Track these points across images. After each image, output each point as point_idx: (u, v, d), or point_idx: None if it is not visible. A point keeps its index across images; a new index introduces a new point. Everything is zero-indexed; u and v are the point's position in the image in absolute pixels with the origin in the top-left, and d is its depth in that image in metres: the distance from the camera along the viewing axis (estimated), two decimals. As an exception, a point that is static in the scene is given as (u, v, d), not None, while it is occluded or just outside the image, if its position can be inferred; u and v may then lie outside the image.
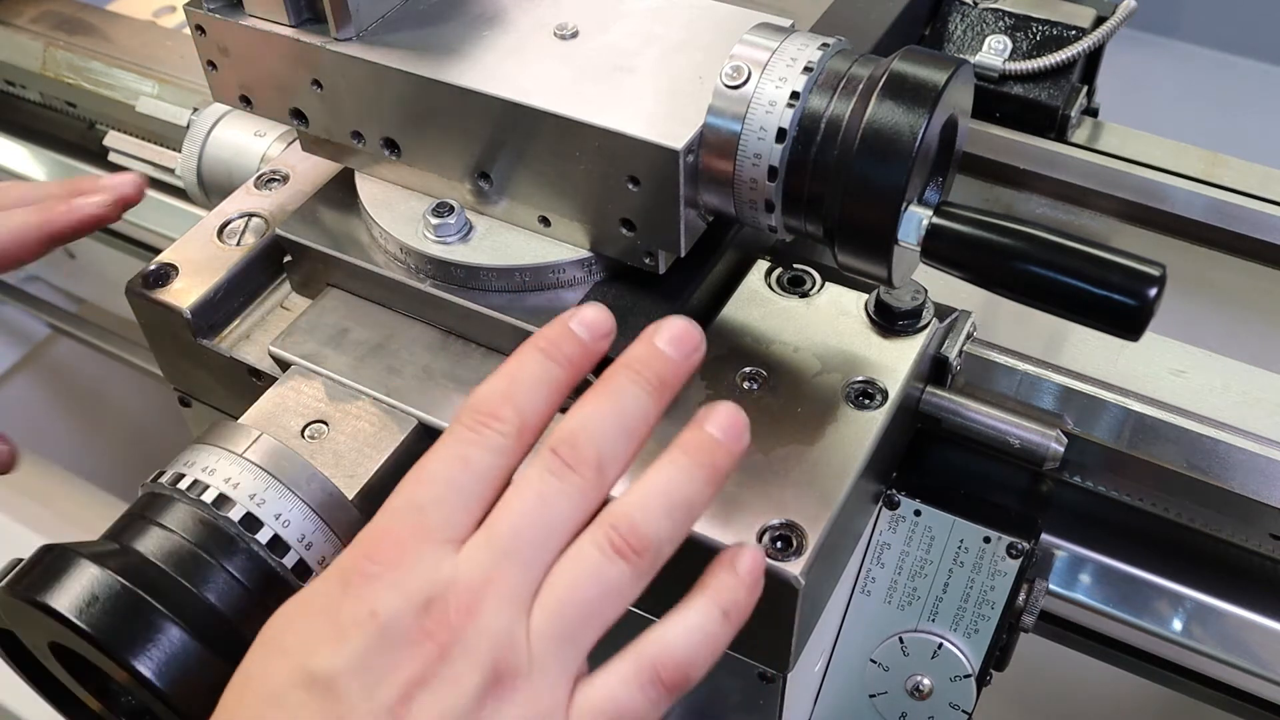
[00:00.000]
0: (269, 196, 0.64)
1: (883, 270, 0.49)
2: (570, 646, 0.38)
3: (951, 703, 0.60)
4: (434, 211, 0.56)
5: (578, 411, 0.40)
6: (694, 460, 0.40)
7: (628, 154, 0.49)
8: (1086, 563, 0.64)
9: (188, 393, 0.64)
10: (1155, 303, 0.44)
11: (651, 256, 0.53)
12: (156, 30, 0.98)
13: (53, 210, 0.59)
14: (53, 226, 0.59)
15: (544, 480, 0.39)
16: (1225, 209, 0.72)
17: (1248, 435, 0.60)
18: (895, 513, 0.59)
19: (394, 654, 0.37)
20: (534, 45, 0.54)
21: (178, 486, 0.47)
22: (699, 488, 0.40)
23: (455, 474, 0.39)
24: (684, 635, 0.40)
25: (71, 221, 0.59)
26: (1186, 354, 0.65)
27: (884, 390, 0.54)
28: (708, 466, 0.40)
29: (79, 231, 0.60)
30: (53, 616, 0.43)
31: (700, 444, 0.40)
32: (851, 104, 0.47)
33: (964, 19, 0.77)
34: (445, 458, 0.40)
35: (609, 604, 0.39)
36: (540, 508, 0.39)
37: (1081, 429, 0.63)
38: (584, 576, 0.38)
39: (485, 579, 0.38)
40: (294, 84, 0.56)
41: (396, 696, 0.36)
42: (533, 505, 0.39)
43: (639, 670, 0.39)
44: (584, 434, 0.39)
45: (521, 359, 0.41)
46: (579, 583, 0.38)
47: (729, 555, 0.41)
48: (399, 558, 0.38)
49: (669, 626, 0.40)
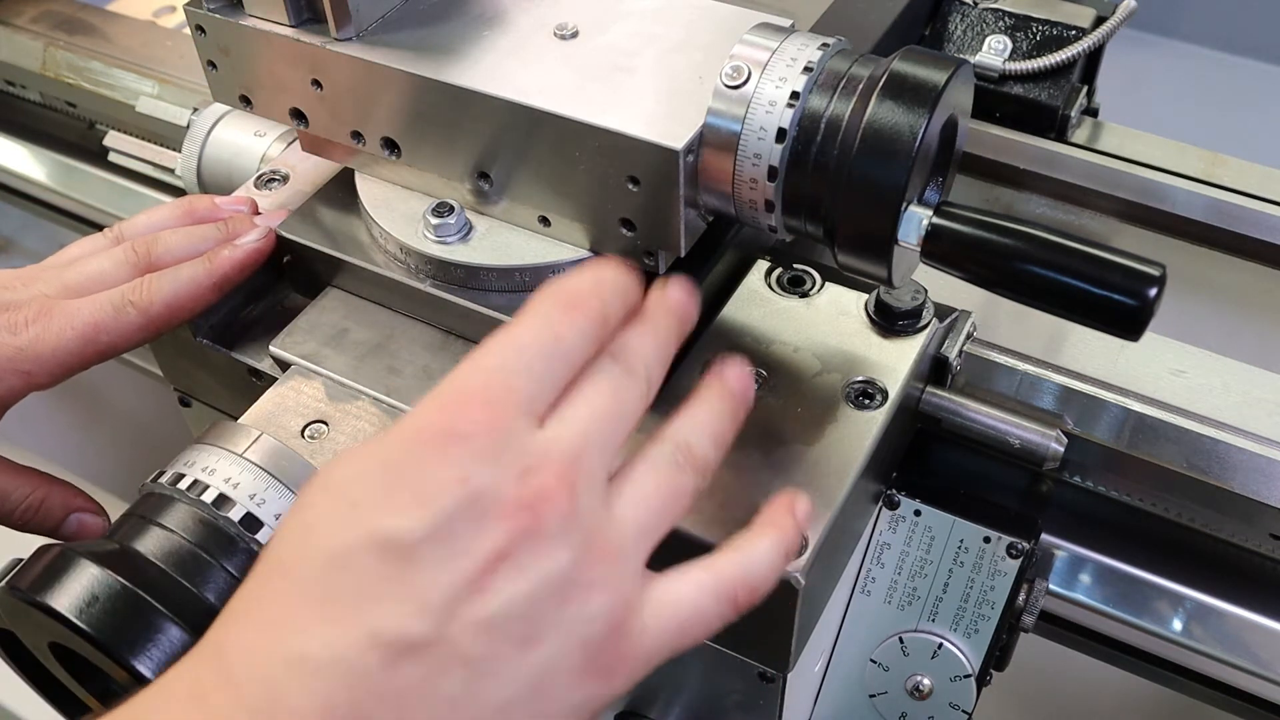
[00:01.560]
0: (269, 196, 0.64)
1: (883, 270, 0.49)
2: (647, 541, 0.39)
3: (951, 703, 0.60)
4: (434, 211, 0.56)
5: (637, 337, 0.42)
6: (723, 403, 0.43)
7: (628, 154, 0.49)
8: (1086, 563, 0.64)
9: (188, 393, 0.64)
10: (1155, 303, 0.44)
11: (651, 256, 0.53)
12: (156, 30, 0.97)
13: (218, 258, 0.56)
14: (221, 274, 0.56)
15: (615, 378, 0.40)
16: (1225, 209, 0.72)
17: (1248, 435, 0.60)
18: (895, 513, 0.59)
19: (482, 523, 0.35)
20: (534, 45, 0.54)
21: (178, 486, 0.47)
22: (728, 425, 0.43)
23: (548, 347, 0.39)
24: (760, 561, 0.41)
25: (238, 265, 0.57)
26: (1186, 354, 0.65)
27: (884, 390, 0.54)
28: (731, 410, 0.43)
29: (245, 273, 0.57)
30: (53, 616, 0.43)
31: (723, 391, 0.43)
32: (851, 104, 0.47)
33: (964, 19, 0.77)
34: (538, 330, 0.39)
35: (679, 508, 0.40)
36: (614, 401, 0.39)
37: (1081, 429, 0.63)
38: (665, 479, 0.40)
39: (575, 457, 0.37)
40: (294, 84, 0.56)
41: (479, 569, 0.34)
42: (608, 397, 0.39)
43: (718, 584, 0.40)
44: (641, 353, 0.41)
45: (603, 265, 0.42)
46: (660, 484, 0.40)
47: (787, 499, 0.44)
48: (491, 422, 0.36)
49: (748, 551, 0.41)
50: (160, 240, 0.58)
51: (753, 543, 0.42)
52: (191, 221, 0.61)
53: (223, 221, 0.60)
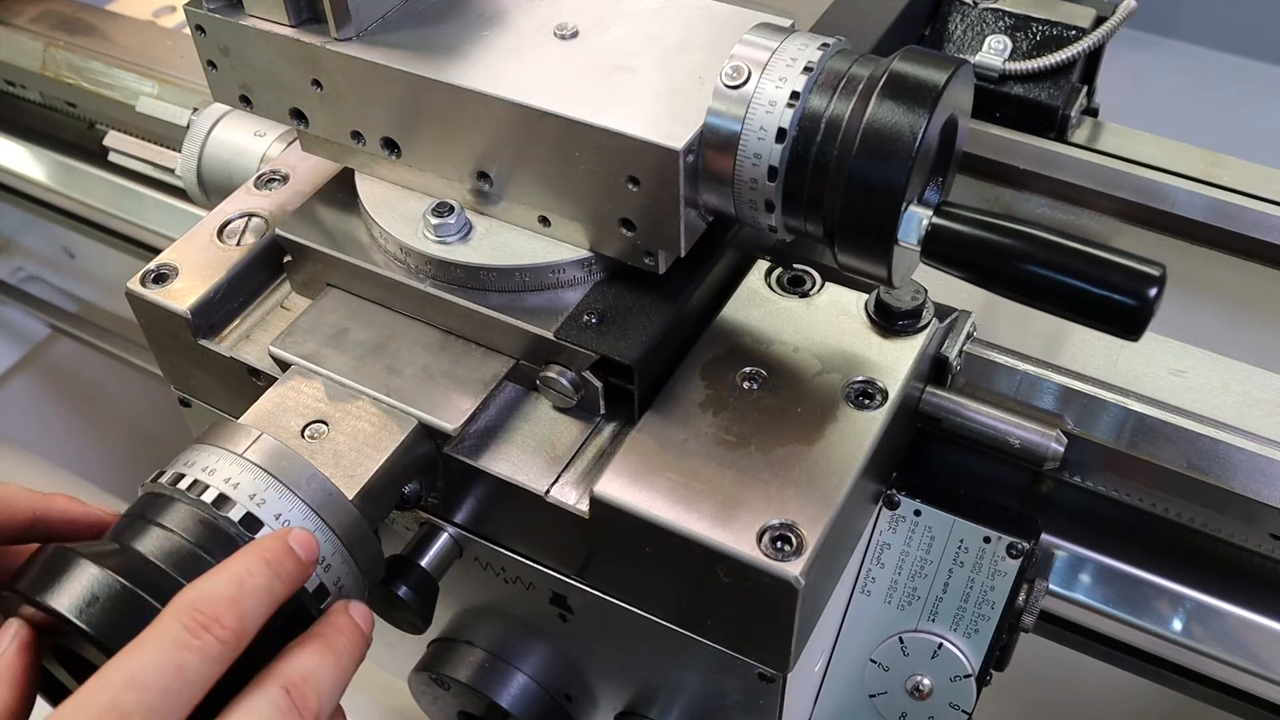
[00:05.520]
0: (269, 196, 0.64)
1: (883, 270, 0.49)
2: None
3: (951, 703, 0.60)
4: (434, 211, 0.56)
5: (305, 658, 0.41)
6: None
7: (628, 154, 0.49)
8: (1086, 563, 0.64)
9: (188, 393, 0.64)
10: (1155, 303, 0.44)
11: (651, 256, 0.53)
12: (156, 30, 0.98)
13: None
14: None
15: (273, 716, 0.39)
16: (1225, 209, 0.72)
17: (1248, 435, 0.60)
18: (895, 513, 0.59)
19: None
20: (534, 45, 0.54)
21: (178, 486, 0.47)
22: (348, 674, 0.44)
23: (169, 681, 0.38)
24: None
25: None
26: (1186, 354, 0.65)
27: (884, 390, 0.54)
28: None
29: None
30: (53, 616, 0.43)
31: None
32: (851, 104, 0.47)
33: (964, 19, 0.77)
34: (159, 662, 0.38)
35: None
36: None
37: (1081, 429, 0.63)
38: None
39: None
40: (294, 84, 0.56)
41: None
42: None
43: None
44: (313, 685, 0.41)
45: (247, 566, 0.41)
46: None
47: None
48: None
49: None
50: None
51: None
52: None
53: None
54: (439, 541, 0.58)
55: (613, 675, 0.61)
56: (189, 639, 0.38)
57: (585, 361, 0.53)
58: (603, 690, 0.63)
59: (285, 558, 0.42)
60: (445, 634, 0.67)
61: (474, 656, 0.66)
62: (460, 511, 0.57)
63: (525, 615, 0.61)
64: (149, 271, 0.60)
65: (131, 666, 0.38)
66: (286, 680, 0.40)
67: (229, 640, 0.39)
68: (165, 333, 0.60)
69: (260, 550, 0.42)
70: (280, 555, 0.42)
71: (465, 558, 0.59)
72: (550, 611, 0.58)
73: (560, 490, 0.52)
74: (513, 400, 0.56)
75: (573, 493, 0.52)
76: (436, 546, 0.57)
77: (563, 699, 0.66)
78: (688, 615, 0.53)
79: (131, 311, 0.61)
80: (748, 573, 0.48)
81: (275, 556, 0.42)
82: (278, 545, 0.43)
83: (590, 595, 0.56)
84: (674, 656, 0.55)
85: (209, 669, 0.39)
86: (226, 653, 0.39)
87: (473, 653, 0.66)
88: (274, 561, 0.42)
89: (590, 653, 0.61)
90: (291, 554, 0.43)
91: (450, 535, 0.58)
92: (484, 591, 0.61)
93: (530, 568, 0.57)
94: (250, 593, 0.40)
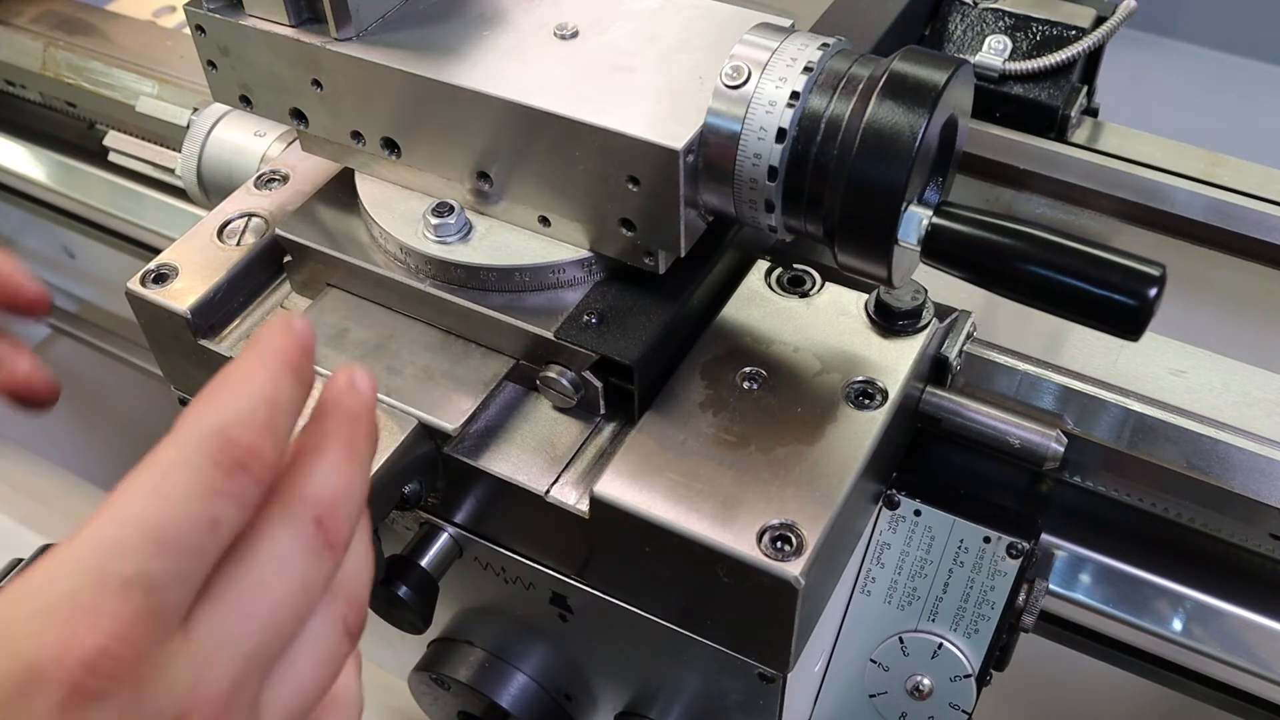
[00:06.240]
0: (269, 196, 0.64)
1: (883, 270, 0.49)
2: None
3: (951, 703, 0.60)
4: (434, 211, 0.56)
5: (336, 476, 0.33)
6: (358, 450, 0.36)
7: (628, 154, 0.49)
8: (1086, 563, 0.64)
9: (188, 393, 0.64)
10: (1155, 303, 0.44)
11: (651, 256, 0.53)
12: (156, 30, 0.98)
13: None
14: None
15: (309, 563, 0.32)
16: (1225, 209, 0.72)
17: (1248, 435, 0.60)
18: (895, 513, 0.59)
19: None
20: (534, 45, 0.54)
21: (178, 486, 0.47)
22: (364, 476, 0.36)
23: (204, 540, 0.30)
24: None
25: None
26: (1186, 354, 0.65)
27: (884, 390, 0.54)
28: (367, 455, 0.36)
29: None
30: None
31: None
32: (851, 104, 0.47)
33: (964, 19, 0.77)
34: (192, 513, 0.30)
35: (333, 678, 0.35)
36: (300, 595, 0.32)
37: (1081, 429, 0.63)
38: (324, 662, 0.34)
39: (227, 704, 0.30)
40: (294, 84, 0.56)
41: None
42: (294, 588, 0.31)
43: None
44: (344, 510, 0.33)
45: (275, 377, 0.32)
46: (319, 673, 0.34)
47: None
48: (132, 669, 0.28)
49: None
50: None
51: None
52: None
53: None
54: (439, 541, 0.58)
55: (612, 675, 0.61)
56: (224, 482, 0.30)
57: (585, 361, 0.53)
58: (603, 690, 0.63)
59: (305, 360, 0.33)
60: (445, 634, 0.67)
61: (474, 656, 0.66)
62: (460, 511, 0.57)
63: (525, 615, 0.61)
64: (149, 271, 0.60)
65: (156, 519, 0.29)
66: (318, 508, 0.32)
67: (265, 481, 0.31)
68: (165, 333, 0.60)
69: (284, 354, 0.32)
70: (302, 358, 0.33)
71: (465, 558, 0.59)
72: (550, 611, 0.58)
73: (560, 490, 0.52)
74: (513, 400, 0.56)
75: (573, 493, 0.52)
76: (436, 546, 0.57)
77: (563, 699, 0.66)
78: (688, 615, 0.53)
79: (131, 311, 0.61)
80: (748, 573, 0.48)
81: (302, 355, 0.33)
82: (290, 341, 0.33)
83: (590, 595, 0.56)
84: (674, 656, 0.55)
85: (241, 519, 0.31)
86: (259, 497, 0.31)
87: (473, 653, 0.66)
88: (301, 365, 0.33)
89: (590, 653, 0.61)
90: (309, 357, 0.33)
91: (450, 535, 0.58)
92: (484, 591, 0.61)
93: (530, 568, 0.57)
94: (283, 410, 0.32)
